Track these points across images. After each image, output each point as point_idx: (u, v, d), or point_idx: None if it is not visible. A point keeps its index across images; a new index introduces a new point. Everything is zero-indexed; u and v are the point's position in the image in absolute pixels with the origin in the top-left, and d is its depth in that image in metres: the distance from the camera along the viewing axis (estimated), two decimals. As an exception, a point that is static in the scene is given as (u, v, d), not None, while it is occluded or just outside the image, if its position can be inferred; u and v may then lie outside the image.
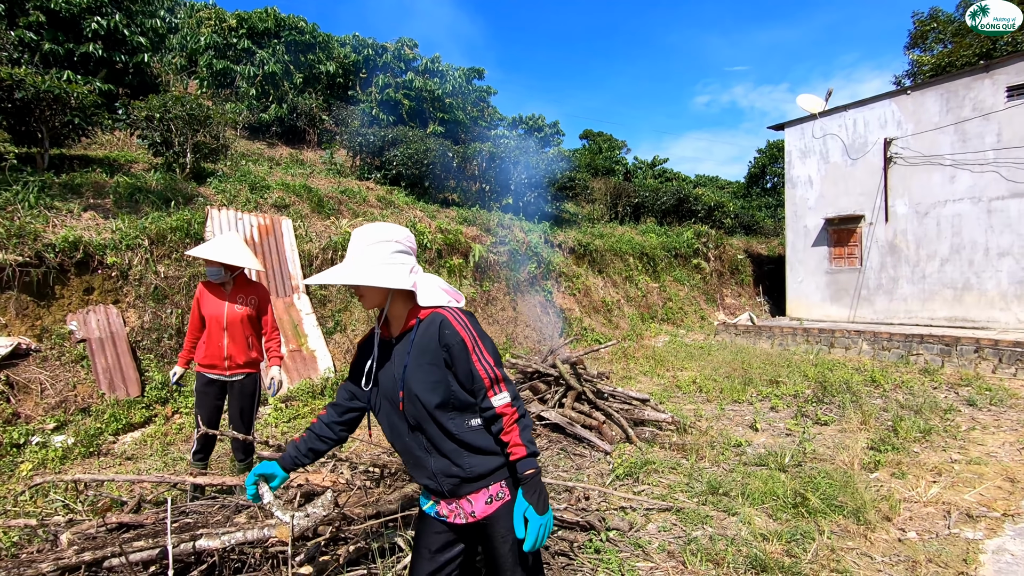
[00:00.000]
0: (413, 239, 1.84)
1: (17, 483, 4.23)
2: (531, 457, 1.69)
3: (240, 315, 3.74)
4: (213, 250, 3.64)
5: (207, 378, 3.75)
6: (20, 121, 7.53)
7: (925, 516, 3.68)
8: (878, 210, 12.26)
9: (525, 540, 1.64)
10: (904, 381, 7.64)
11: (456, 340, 1.71)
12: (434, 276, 1.84)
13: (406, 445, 1.81)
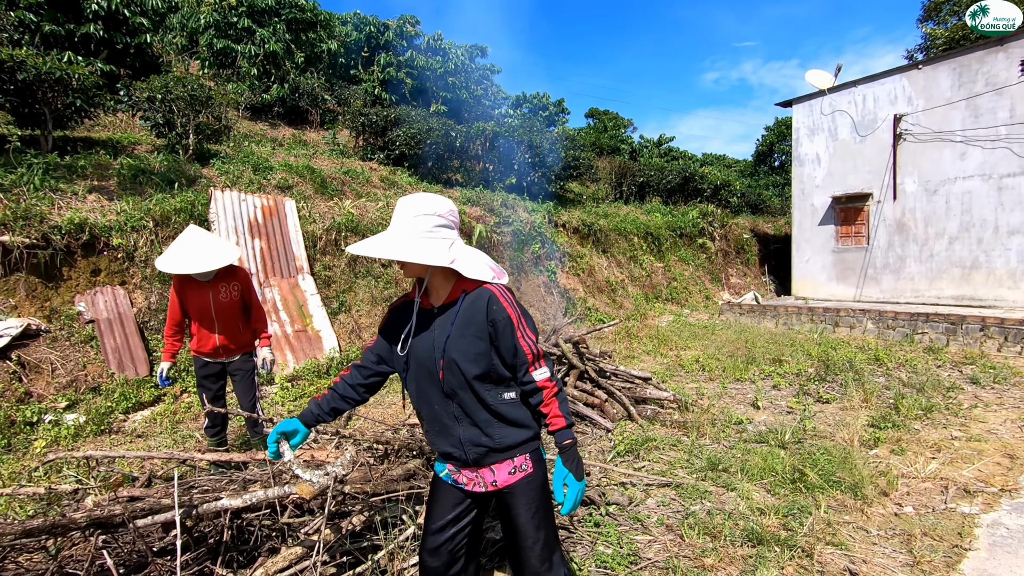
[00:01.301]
0: (456, 212, 1.87)
1: (31, 459, 4.34)
2: (569, 428, 1.79)
3: (226, 305, 3.74)
4: (197, 261, 3.50)
5: (204, 361, 3.82)
6: (23, 103, 7.53)
7: (922, 491, 3.72)
8: (886, 188, 12.11)
9: (564, 504, 1.73)
10: (908, 359, 7.63)
11: (503, 316, 1.77)
12: (479, 251, 1.89)
13: (434, 412, 1.85)
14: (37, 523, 1.93)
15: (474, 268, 1.79)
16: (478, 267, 1.80)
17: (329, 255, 8.35)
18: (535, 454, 1.85)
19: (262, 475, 3.07)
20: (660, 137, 30.41)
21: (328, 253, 8.35)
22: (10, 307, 5.64)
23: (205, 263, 3.50)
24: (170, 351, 3.80)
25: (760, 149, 29.88)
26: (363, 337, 7.93)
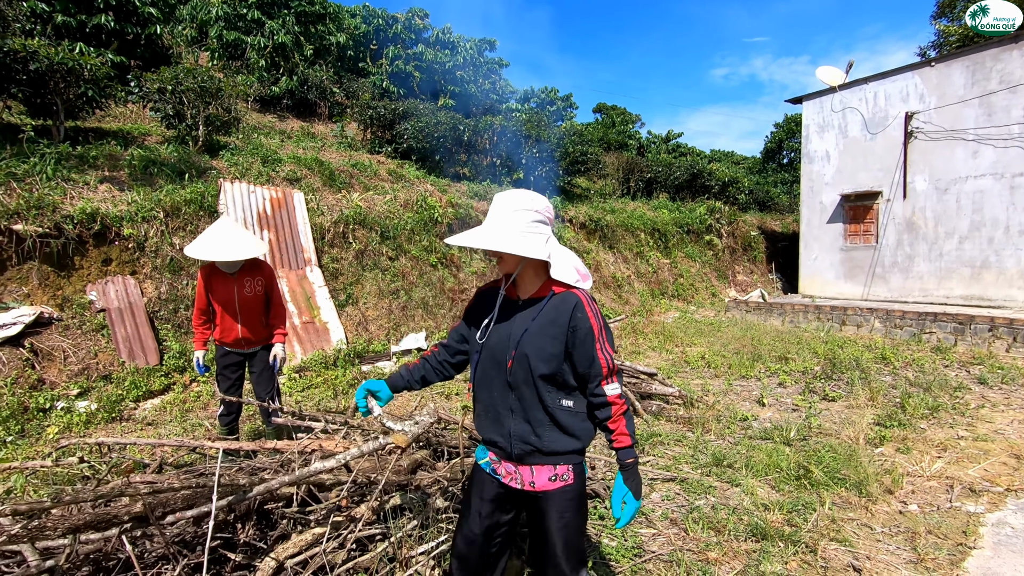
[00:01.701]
0: (552, 210, 1.89)
1: (44, 445, 4.41)
2: (633, 447, 1.79)
3: (249, 298, 3.82)
4: (225, 250, 3.57)
5: (225, 350, 3.88)
6: (36, 93, 7.59)
7: (927, 490, 3.72)
8: (896, 186, 12.03)
9: (620, 520, 1.73)
10: (915, 359, 7.61)
11: (585, 324, 1.76)
12: (569, 251, 1.91)
13: (492, 400, 1.88)
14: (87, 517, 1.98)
15: (561, 269, 1.82)
16: (566, 268, 1.83)
17: (337, 247, 8.39)
18: (578, 467, 1.85)
19: (271, 463, 3.12)
20: (668, 133, 30.27)
21: (336, 245, 8.39)
22: (23, 295, 5.71)
23: (231, 252, 3.57)
24: (201, 339, 3.89)
25: (769, 146, 29.70)
26: (370, 329, 7.98)
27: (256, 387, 3.98)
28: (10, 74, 7.08)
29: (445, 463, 3.43)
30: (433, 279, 9.15)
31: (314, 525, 2.66)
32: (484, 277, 10.04)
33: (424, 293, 8.86)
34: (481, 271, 10.03)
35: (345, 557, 2.56)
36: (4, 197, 5.80)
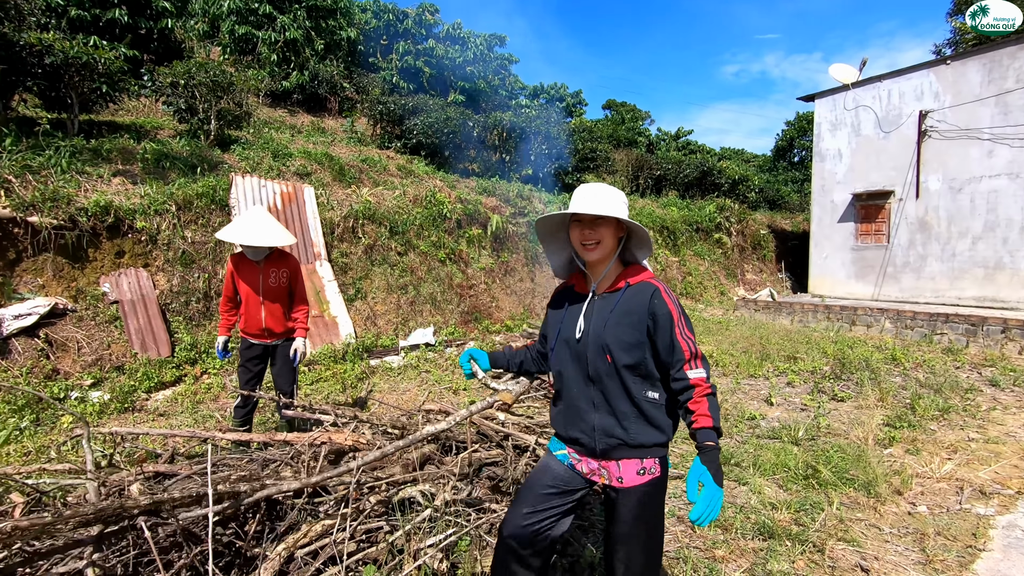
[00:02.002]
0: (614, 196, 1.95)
1: (59, 435, 4.48)
2: (714, 431, 1.69)
3: (274, 289, 3.88)
4: (254, 235, 3.67)
5: (249, 342, 3.93)
6: (51, 87, 7.67)
7: (937, 491, 3.70)
8: (909, 185, 11.90)
9: (696, 506, 1.58)
10: (926, 360, 7.54)
11: (664, 311, 1.76)
12: None
13: (573, 396, 1.88)
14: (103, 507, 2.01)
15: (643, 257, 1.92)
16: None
17: (346, 242, 8.43)
18: (663, 460, 1.83)
19: (282, 455, 3.15)
20: (678, 130, 30.11)
21: (345, 240, 8.43)
22: (38, 286, 5.79)
23: (261, 238, 3.66)
24: (225, 325, 3.99)
25: (780, 144, 29.46)
26: (378, 324, 8.02)
27: (277, 379, 4.03)
28: (26, 68, 7.15)
29: (453, 458, 3.45)
30: (441, 275, 9.18)
31: (323, 516, 2.69)
32: (492, 273, 10.06)
33: (432, 288, 8.89)
34: (489, 267, 10.05)
35: (354, 548, 2.59)
36: (20, 189, 5.88)
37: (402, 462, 3.22)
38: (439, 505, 2.70)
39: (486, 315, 9.37)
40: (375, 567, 2.47)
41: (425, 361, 7.16)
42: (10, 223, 5.67)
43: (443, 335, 8.29)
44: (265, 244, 3.68)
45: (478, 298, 9.51)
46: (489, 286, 9.86)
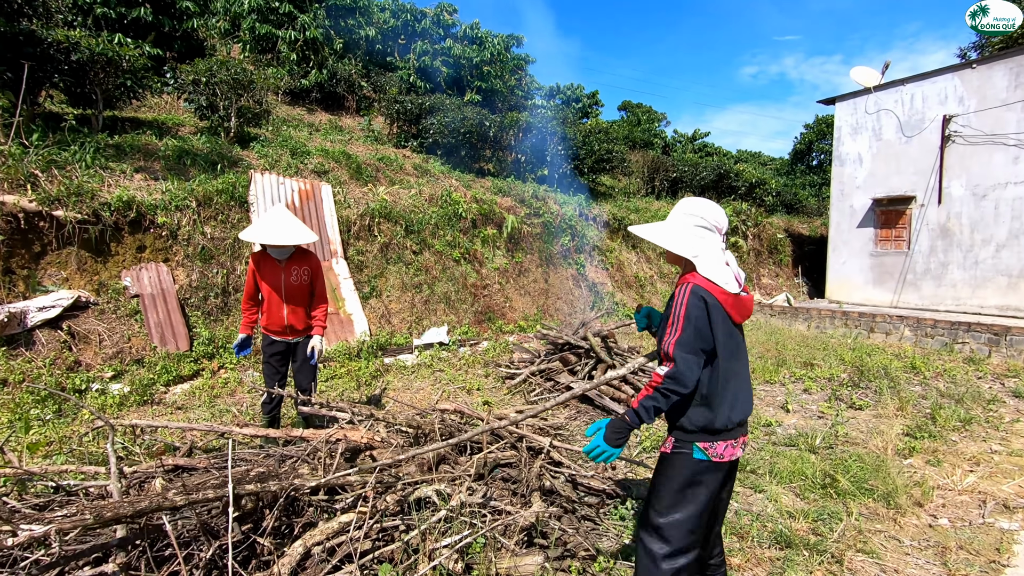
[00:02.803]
0: (718, 218, 2.11)
1: (80, 426, 4.56)
2: (636, 414, 2.02)
3: (295, 287, 3.93)
4: (278, 234, 3.70)
5: (271, 339, 3.98)
6: (76, 83, 7.80)
7: (959, 504, 3.63)
8: (931, 191, 11.70)
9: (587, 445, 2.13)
10: (947, 369, 7.41)
11: (669, 308, 2.04)
12: (730, 256, 2.15)
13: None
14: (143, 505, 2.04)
15: (711, 268, 2.03)
16: (713, 268, 2.03)
17: (362, 240, 8.48)
18: (679, 442, 2.10)
19: (299, 452, 3.17)
20: (695, 132, 29.90)
21: (361, 238, 8.48)
22: (62, 279, 5.89)
23: (284, 237, 3.69)
24: (247, 323, 4.00)
25: (798, 147, 29.11)
26: (392, 322, 8.05)
27: (297, 375, 4.08)
28: (53, 64, 7.28)
29: (468, 458, 3.45)
30: (456, 274, 9.20)
31: (339, 514, 2.70)
32: (506, 274, 10.06)
33: (447, 287, 8.91)
34: (503, 267, 10.05)
35: (369, 546, 2.60)
36: (46, 183, 5.99)
37: (417, 461, 3.23)
38: (455, 506, 2.71)
39: (499, 315, 9.38)
40: (390, 566, 2.47)
41: (439, 360, 7.18)
42: (36, 217, 5.78)
43: (457, 334, 8.30)
44: (290, 243, 3.71)
45: (492, 298, 9.51)
46: (503, 286, 9.86)
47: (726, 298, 2.03)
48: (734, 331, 2.09)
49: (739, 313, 2.10)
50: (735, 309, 2.07)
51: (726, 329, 2.04)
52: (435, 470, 3.21)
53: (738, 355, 2.12)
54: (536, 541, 2.82)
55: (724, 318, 2.03)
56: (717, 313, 2.00)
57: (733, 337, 2.08)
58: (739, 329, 2.13)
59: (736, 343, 2.10)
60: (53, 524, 1.90)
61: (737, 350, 2.11)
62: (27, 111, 7.02)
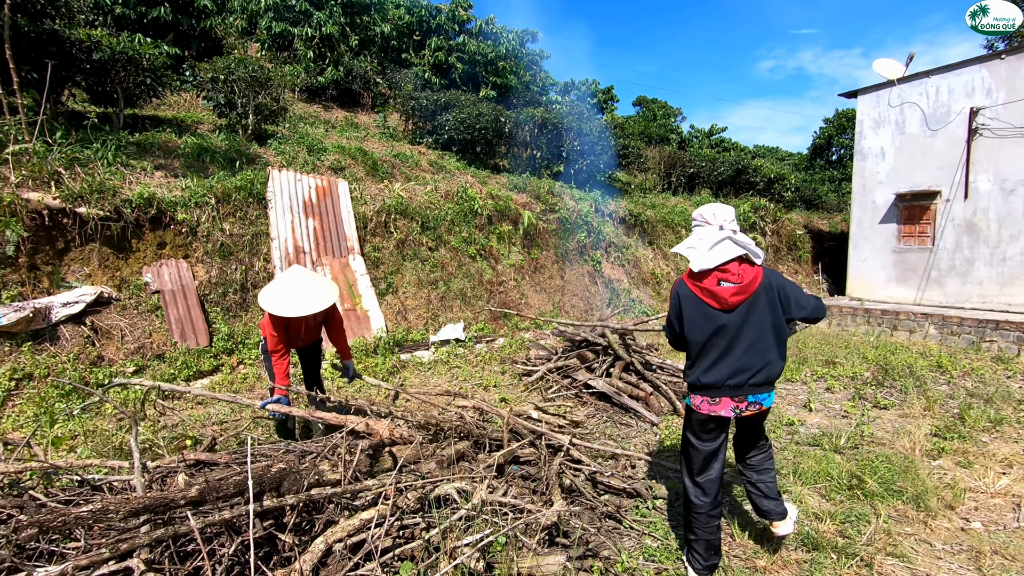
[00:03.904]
0: (708, 213, 2.65)
1: (104, 420, 4.61)
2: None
3: (312, 325, 4.08)
4: (298, 305, 3.60)
5: None
6: (98, 82, 7.90)
7: (992, 507, 3.53)
8: (957, 186, 11.41)
9: None
10: (974, 368, 7.22)
11: None
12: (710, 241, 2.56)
13: None
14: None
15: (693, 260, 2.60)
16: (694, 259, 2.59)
17: (379, 236, 8.49)
18: (687, 403, 2.73)
19: (319, 448, 3.17)
20: (711, 127, 29.56)
21: (378, 235, 8.50)
22: (85, 275, 5.98)
23: (305, 308, 3.61)
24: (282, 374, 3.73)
25: (817, 142, 28.62)
26: (408, 318, 8.06)
27: (307, 374, 4.13)
28: (75, 63, 7.38)
29: (487, 455, 3.43)
30: (471, 270, 9.18)
31: (360, 511, 2.69)
32: (522, 270, 10.02)
33: (462, 284, 8.90)
34: (519, 264, 10.01)
35: (390, 544, 2.58)
36: (70, 181, 6.07)
37: (436, 459, 3.21)
38: (476, 504, 2.68)
39: (515, 312, 9.34)
40: (411, 563, 2.46)
41: (455, 357, 7.17)
42: (60, 214, 5.86)
43: (473, 331, 8.29)
44: (314, 311, 3.64)
45: (507, 295, 9.48)
46: (519, 283, 9.83)
47: (700, 289, 2.57)
48: (711, 313, 2.54)
49: (714, 300, 2.53)
50: (708, 297, 2.54)
51: (699, 311, 2.58)
52: (456, 464, 3.18)
53: (721, 333, 2.53)
54: (558, 540, 2.79)
55: (697, 303, 2.58)
56: (688, 302, 2.62)
57: (710, 318, 2.55)
58: (727, 313, 2.52)
59: (715, 324, 2.53)
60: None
61: (718, 330, 2.53)
62: (50, 110, 7.13)
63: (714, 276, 2.53)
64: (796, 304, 2.62)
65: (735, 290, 2.50)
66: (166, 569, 2.13)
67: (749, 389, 2.55)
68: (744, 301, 2.51)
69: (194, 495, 2.16)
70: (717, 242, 2.53)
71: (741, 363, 2.52)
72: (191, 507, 2.23)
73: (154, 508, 2.09)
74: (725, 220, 2.60)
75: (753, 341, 2.53)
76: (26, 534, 1.89)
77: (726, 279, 2.52)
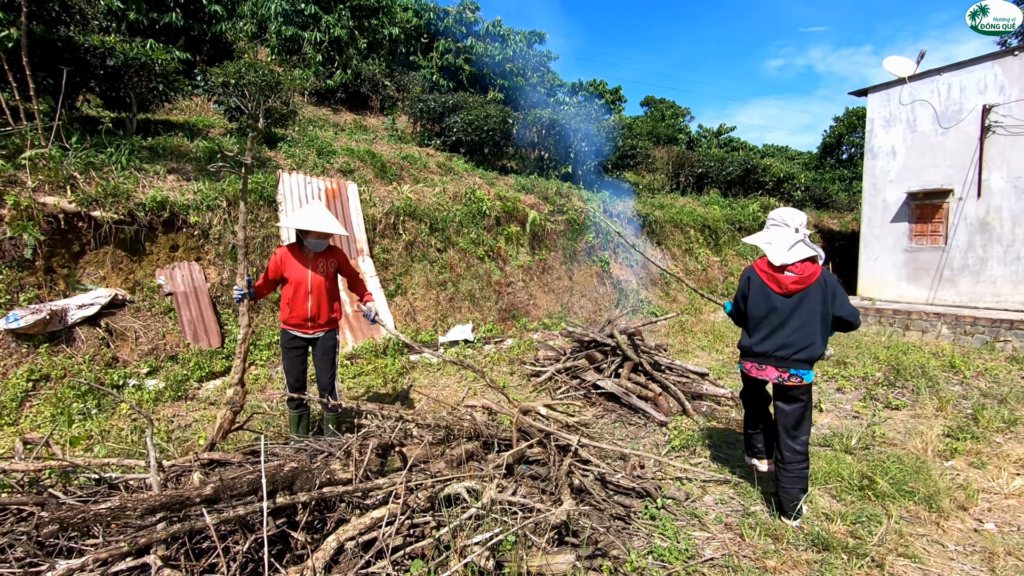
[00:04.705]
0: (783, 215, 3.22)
1: (119, 420, 4.69)
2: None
3: (322, 280, 4.01)
4: (323, 222, 3.85)
5: (291, 335, 4.01)
6: (111, 87, 8.02)
7: (1006, 508, 3.50)
8: (970, 184, 11.29)
9: None
10: (988, 368, 7.15)
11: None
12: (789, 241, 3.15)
13: None
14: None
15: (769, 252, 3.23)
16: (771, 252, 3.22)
17: (388, 238, 8.54)
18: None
19: (330, 447, 3.20)
20: (720, 127, 29.42)
21: (387, 236, 8.55)
22: (99, 278, 6.07)
23: (328, 225, 3.86)
24: (258, 284, 4.01)
25: (827, 141, 28.39)
26: (417, 320, 8.10)
27: (318, 371, 4.13)
28: (90, 69, 7.49)
29: (495, 455, 3.45)
30: (480, 272, 9.21)
31: (371, 510, 2.72)
32: (530, 271, 10.04)
33: (471, 285, 8.93)
34: (527, 265, 10.02)
35: (401, 542, 2.61)
36: (85, 185, 6.17)
37: (446, 458, 3.24)
38: (485, 503, 2.70)
39: (523, 313, 9.36)
40: (422, 562, 2.48)
41: (464, 358, 7.20)
42: (75, 217, 5.95)
43: (481, 332, 8.31)
44: (333, 231, 3.85)
45: (516, 295, 9.50)
46: (527, 284, 9.84)
47: (766, 274, 3.21)
48: (772, 295, 3.16)
49: (777, 285, 3.15)
50: (772, 282, 3.18)
51: (762, 292, 3.21)
52: (465, 464, 3.21)
53: (777, 312, 3.14)
54: (567, 539, 2.80)
55: (761, 286, 3.23)
56: (755, 285, 3.27)
57: (769, 300, 3.17)
58: (785, 297, 3.12)
59: (772, 305, 3.16)
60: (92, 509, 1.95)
61: (774, 309, 3.16)
62: (66, 115, 7.24)
63: (783, 267, 3.13)
64: (840, 304, 3.11)
65: (795, 279, 3.09)
66: (182, 565, 2.17)
67: (792, 363, 3.09)
68: (801, 290, 3.08)
69: (209, 493, 2.20)
70: (794, 244, 3.12)
71: (790, 339, 3.09)
72: (206, 505, 2.27)
73: (170, 506, 2.13)
74: (800, 224, 3.15)
75: (802, 324, 3.08)
76: (47, 530, 1.94)
77: (791, 270, 3.11)
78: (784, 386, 3.16)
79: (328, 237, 4.01)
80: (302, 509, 2.64)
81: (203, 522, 2.19)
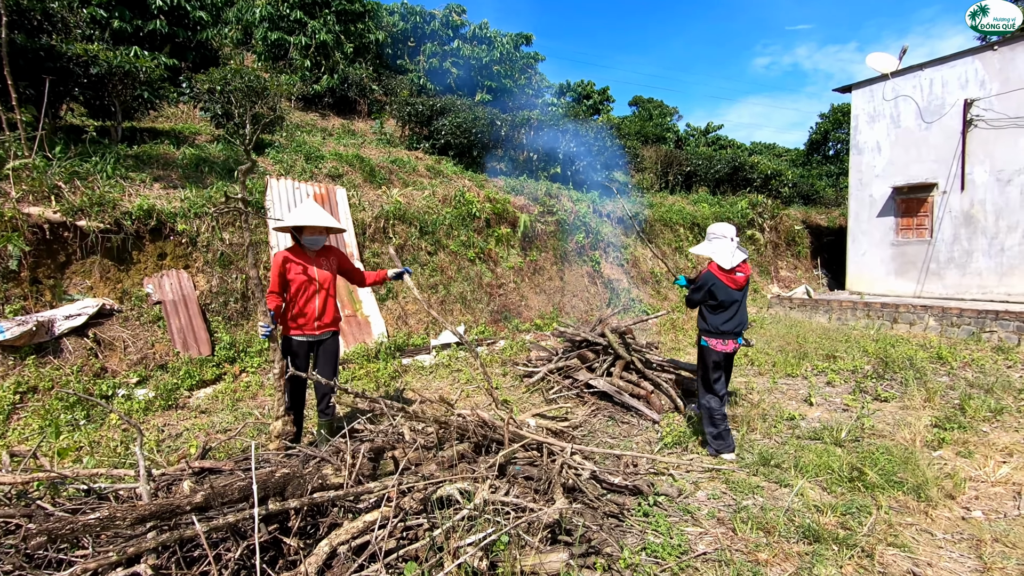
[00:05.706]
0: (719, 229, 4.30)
1: (109, 430, 4.64)
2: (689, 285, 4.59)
3: (329, 276, 4.05)
4: (320, 217, 3.89)
5: (295, 340, 3.95)
6: (96, 96, 7.96)
7: (992, 496, 3.55)
8: (953, 178, 11.45)
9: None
10: (975, 359, 7.24)
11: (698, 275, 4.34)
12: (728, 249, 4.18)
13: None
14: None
15: (717, 258, 4.16)
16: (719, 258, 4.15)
17: (378, 242, 8.53)
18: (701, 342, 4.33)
19: (322, 452, 3.19)
20: (708, 125, 29.61)
21: (376, 240, 8.54)
22: (86, 288, 6.01)
23: (324, 219, 3.90)
24: (274, 303, 3.93)
25: (814, 137, 28.67)
26: (409, 323, 8.09)
27: (321, 373, 4.08)
28: (73, 77, 7.43)
29: (486, 457, 3.45)
30: (471, 274, 9.21)
31: (364, 513, 2.72)
32: (521, 272, 10.05)
33: (462, 288, 8.93)
34: (518, 266, 10.04)
35: (394, 545, 2.61)
36: (69, 195, 6.12)
37: (437, 460, 3.24)
38: (478, 503, 2.70)
39: (515, 314, 9.37)
40: (416, 564, 2.48)
41: (456, 360, 7.20)
42: (60, 227, 5.90)
43: (473, 334, 8.32)
44: (329, 224, 3.88)
45: (507, 297, 9.51)
46: (518, 285, 9.86)
47: (724, 275, 4.14)
48: (730, 291, 4.13)
49: (732, 282, 4.14)
50: (728, 280, 4.14)
51: (724, 288, 4.12)
52: (457, 465, 3.21)
53: (735, 300, 4.17)
54: (560, 538, 2.81)
55: (724, 284, 4.13)
56: (719, 282, 4.13)
57: (728, 293, 4.13)
58: (736, 290, 4.15)
59: (731, 298, 4.14)
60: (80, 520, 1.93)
61: (732, 299, 4.15)
62: (49, 124, 7.18)
63: (734, 269, 4.14)
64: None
65: (743, 278, 4.20)
66: (173, 574, 2.15)
67: (740, 335, 4.30)
68: (745, 284, 4.21)
69: (199, 501, 2.19)
70: (734, 251, 4.17)
71: (741, 319, 4.21)
72: (197, 513, 2.26)
73: (160, 515, 2.12)
74: (733, 234, 4.25)
75: (744, 307, 4.25)
76: (35, 543, 1.92)
77: (740, 270, 4.18)
78: (731, 354, 4.29)
79: (325, 234, 4.01)
80: (294, 515, 2.63)
81: (193, 530, 2.18)
